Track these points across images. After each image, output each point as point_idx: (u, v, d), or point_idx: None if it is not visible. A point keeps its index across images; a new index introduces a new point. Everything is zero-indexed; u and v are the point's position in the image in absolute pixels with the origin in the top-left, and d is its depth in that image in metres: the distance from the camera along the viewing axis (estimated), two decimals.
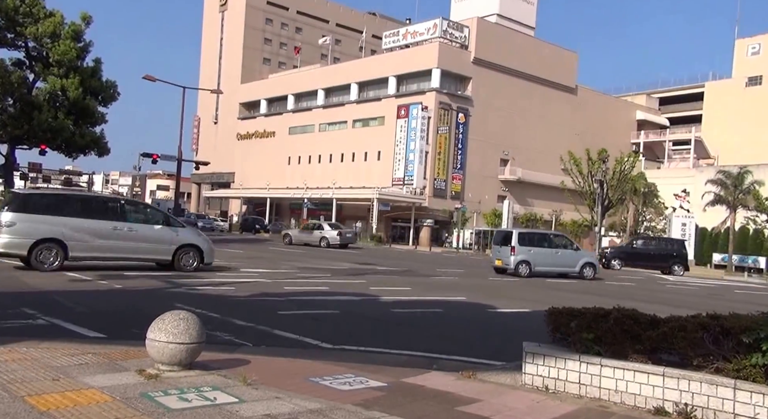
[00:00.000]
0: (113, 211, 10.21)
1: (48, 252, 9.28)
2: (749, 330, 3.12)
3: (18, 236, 9.16)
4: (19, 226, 9.19)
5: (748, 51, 47.89)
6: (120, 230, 9.86)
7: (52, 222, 9.37)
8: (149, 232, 10.23)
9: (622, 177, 30.88)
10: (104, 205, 10.57)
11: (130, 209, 10.65)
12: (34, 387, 3.07)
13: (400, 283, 10.76)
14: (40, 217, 9.40)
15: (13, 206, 9.47)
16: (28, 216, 9.31)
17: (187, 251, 10.42)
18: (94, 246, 9.72)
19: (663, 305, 9.46)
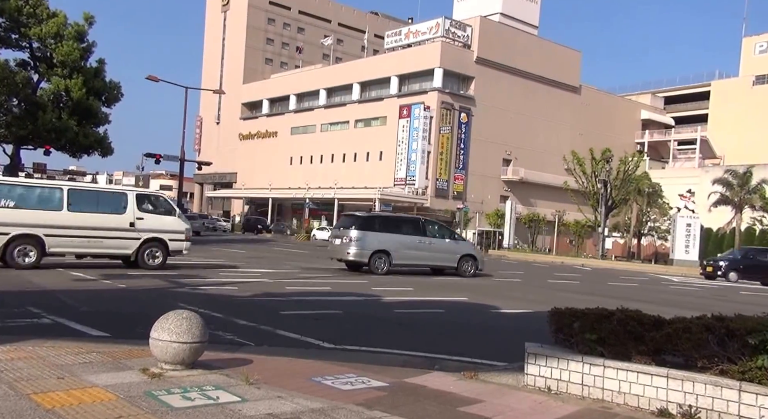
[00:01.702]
0: (418, 229, 13.38)
1: (380, 259, 12.49)
2: (755, 331, 3.10)
3: (362, 248, 12.38)
4: (362, 241, 12.42)
5: (755, 49, 47.52)
6: (423, 243, 13.00)
7: (381, 238, 12.59)
8: (442, 245, 13.31)
9: (626, 177, 30.75)
10: (412, 223, 13.85)
11: (428, 227, 13.75)
12: (39, 385, 3.08)
13: (402, 284, 10.75)
14: (376, 234, 12.64)
15: (358, 225, 12.71)
16: (368, 233, 12.54)
17: (467, 260, 13.44)
18: (407, 255, 12.76)
19: (667, 306, 9.42)
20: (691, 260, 29.59)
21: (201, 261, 12.76)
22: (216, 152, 52.53)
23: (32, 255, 9.42)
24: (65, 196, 9.68)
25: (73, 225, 9.62)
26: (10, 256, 9.25)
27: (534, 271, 17.95)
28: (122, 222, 10.10)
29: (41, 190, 9.75)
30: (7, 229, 9.14)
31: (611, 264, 27.48)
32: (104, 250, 10.24)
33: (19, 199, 9.42)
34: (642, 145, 48.77)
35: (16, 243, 9.26)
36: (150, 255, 10.39)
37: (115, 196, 10.49)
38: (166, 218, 10.67)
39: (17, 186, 9.67)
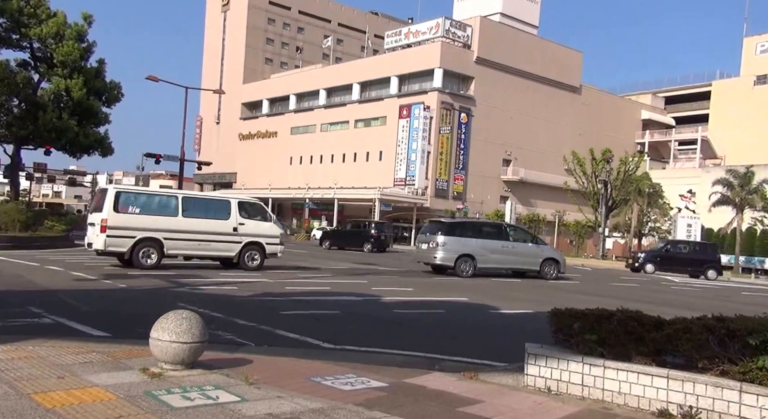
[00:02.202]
0: (501, 234, 14.13)
1: (465, 263, 13.18)
2: (756, 332, 3.09)
3: (448, 252, 13.14)
4: (448, 246, 13.19)
5: (756, 49, 47.45)
6: (506, 247, 13.67)
7: (466, 243, 13.32)
8: (524, 249, 13.93)
9: (627, 177, 30.74)
10: (495, 229, 14.74)
11: (511, 231, 14.62)
12: (40, 385, 3.09)
13: (402, 284, 10.75)
14: (461, 239, 13.39)
15: (444, 231, 13.43)
16: (453, 239, 13.33)
17: (549, 263, 14.05)
18: (491, 259, 13.50)
19: (668, 307, 9.41)
20: None
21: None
22: (216, 152, 52.53)
23: (153, 256, 10.44)
24: (180, 203, 10.80)
25: (186, 229, 10.70)
26: (135, 257, 10.28)
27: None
28: (227, 227, 11.10)
29: (160, 198, 11.02)
30: (134, 233, 10.25)
31: (612, 264, 27.46)
32: (212, 253, 11.28)
33: (143, 206, 10.53)
34: (642, 145, 48.73)
35: (140, 246, 10.32)
36: (250, 257, 11.38)
37: (220, 203, 11.60)
38: (264, 224, 11.65)
39: (141, 194, 11.03)
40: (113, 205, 10.23)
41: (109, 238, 10.10)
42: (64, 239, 16.29)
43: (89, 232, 10.76)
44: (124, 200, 10.40)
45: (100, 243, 10.15)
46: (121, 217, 10.22)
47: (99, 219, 10.23)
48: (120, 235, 10.16)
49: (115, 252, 10.39)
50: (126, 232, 10.21)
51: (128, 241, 10.20)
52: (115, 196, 10.29)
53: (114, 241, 10.14)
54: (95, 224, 10.38)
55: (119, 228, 10.16)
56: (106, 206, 10.24)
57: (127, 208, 10.35)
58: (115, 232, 10.12)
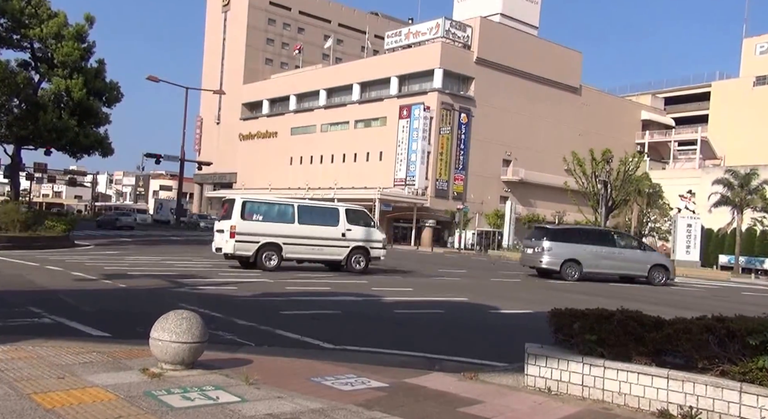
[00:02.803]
0: (608, 239, 14.53)
1: (570, 268, 13.56)
2: (755, 332, 3.09)
3: (554, 257, 13.63)
4: (553, 250, 13.72)
5: (756, 50, 47.46)
6: (613, 253, 14.04)
7: (572, 248, 13.70)
8: (632, 255, 14.22)
9: (627, 177, 30.70)
10: (602, 235, 15.29)
11: (618, 238, 15.13)
12: (39, 385, 3.09)
13: (402, 284, 10.75)
14: (567, 244, 13.78)
15: (549, 236, 14.02)
16: (559, 244, 13.67)
17: (658, 269, 14.27)
18: (597, 264, 13.88)
19: (668, 307, 9.41)
20: (692, 261, 29.54)
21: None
22: (216, 152, 52.52)
23: (274, 259, 11.55)
24: (296, 211, 11.87)
25: (302, 235, 11.74)
26: (259, 260, 11.43)
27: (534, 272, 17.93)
28: (336, 233, 12.03)
29: (279, 206, 12.12)
30: (258, 238, 11.42)
31: None
32: (323, 256, 12.21)
33: (265, 214, 11.69)
34: (642, 146, 48.72)
35: (263, 250, 11.46)
36: (356, 261, 12.19)
37: (330, 211, 12.58)
38: (368, 229, 12.55)
39: (263, 203, 12.08)
40: (240, 214, 11.38)
41: (237, 243, 11.29)
42: (64, 239, 16.28)
43: (217, 238, 11.86)
44: (250, 209, 11.58)
45: (229, 247, 11.31)
46: (247, 224, 11.36)
47: (228, 226, 11.37)
48: (246, 240, 11.30)
49: (242, 255, 11.47)
50: (251, 238, 11.33)
51: (253, 246, 11.36)
52: (242, 205, 11.47)
53: (241, 246, 11.32)
54: (224, 230, 11.50)
55: (245, 234, 11.30)
56: (235, 214, 11.36)
57: (251, 215, 11.51)
58: (242, 238, 11.29)
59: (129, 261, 12.11)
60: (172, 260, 12.96)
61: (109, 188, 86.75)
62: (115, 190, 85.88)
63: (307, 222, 11.80)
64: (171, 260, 12.93)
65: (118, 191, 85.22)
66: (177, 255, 14.45)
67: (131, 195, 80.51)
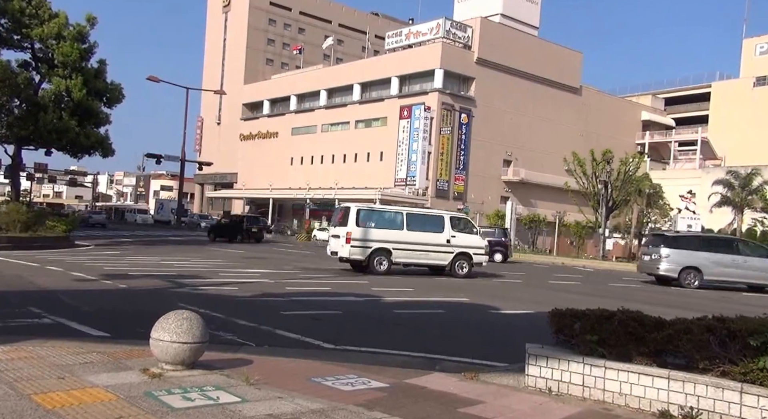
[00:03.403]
0: (731, 247, 14.46)
1: (690, 276, 13.70)
2: (756, 333, 3.09)
3: (671, 264, 13.89)
4: (671, 258, 13.75)
5: (756, 50, 47.46)
6: (736, 261, 14.06)
7: (690, 255, 13.85)
8: (758, 263, 14.17)
9: (627, 178, 30.70)
10: (724, 242, 15.27)
11: (743, 245, 14.98)
12: (40, 386, 3.09)
13: (403, 284, 10.75)
14: (685, 252, 13.92)
15: (667, 243, 14.16)
16: (677, 251, 13.91)
17: None
18: (718, 272, 13.94)
19: (668, 307, 9.40)
20: None
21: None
22: (217, 152, 52.53)
23: (384, 264, 12.42)
24: (405, 218, 12.76)
25: (409, 241, 12.57)
26: (372, 264, 12.41)
27: (534, 272, 17.93)
28: (441, 240, 12.81)
29: (389, 214, 13.03)
30: (370, 244, 12.39)
31: (612, 265, 27.45)
32: (428, 261, 12.96)
33: (377, 221, 12.57)
34: (643, 146, 48.72)
35: (375, 255, 12.42)
36: (459, 266, 12.90)
37: (436, 218, 13.31)
38: (471, 236, 13.29)
39: (375, 211, 13.07)
40: (355, 221, 12.34)
41: (352, 248, 12.28)
42: (64, 239, 16.28)
43: (332, 243, 12.93)
44: (363, 216, 12.54)
45: (345, 252, 12.36)
46: (361, 231, 12.36)
47: (344, 232, 12.36)
48: (360, 246, 12.32)
49: (356, 259, 12.47)
50: (365, 243, 12.35)
51: (366, 251, 12.37)
52: (356, 213, 12.46)
53: (356, 251, 12.33)
54: (340, 236, 12.49)
55: (360, 240, 12.30)
56: (350, 221, 12.32)
57: (365, 223, 12.49)
58: (357, 243, 12.30)
59: (129, 262, 12.12)
60: (173, 260, 12.96)
61: (109, 188, 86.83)
62: (116, 191, 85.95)
63: (414, 229, 12.70)
64: (171, 260, 12.93)
65: (119, 191, 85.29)
66: (177, 256, 14.45)
67: (132, 195, 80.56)
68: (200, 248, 18.60)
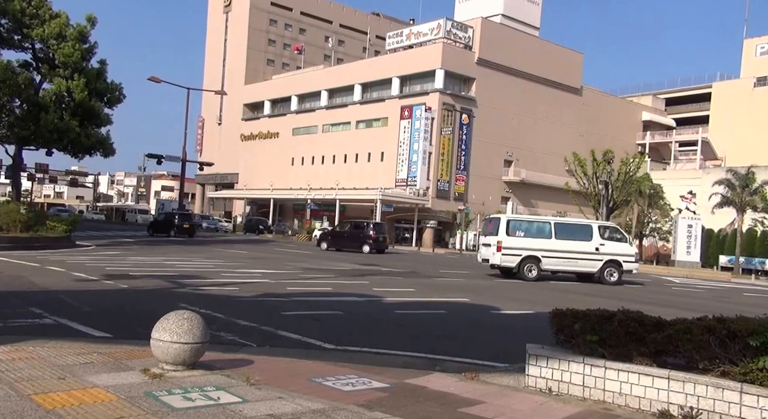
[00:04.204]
0: None
1: None
2: (756, 333, 3.09)
3: None
4: None
5: (756, 51, 47.44)
6: None
7: None
8: None
9: (627, 178, 30.67)
10: None
11: None
12: (40, 386, 3.09)
13: (403, 284, 10.75)
14: None
15: None
16: None
17: None
18: None
19: (668, 307, 9.39)
20: (693, 261, 29.47)
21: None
22: (218, 153, 52.58)
23: (534, 271, 13.25)
24: (552, 228, 13.54)
25: (558, 249, 13.34)
26: (521, 271, 13.21)
27: None
28: (589, 248, 13.47)
29: (537, 224, 13.97)
30: (520, 252, 13.28)
31: None
32: (577, 268, 13.70)
33: (526, 231, 13.53)
34: (643, 147, 48.70)
35: (525, 262, 13.25)
36: (609, 273, 13.49)
37: (584, 227, 14.09)
38: (621, 244, 13.72)
39: (524, 221, 14.12)
40: (506, 230, 13.26)
41: (503, 256, 13.23)
42: (65, 240, 16.30)
43: (483, 250, 14.00)
44: (513, 226, 13.47)
45: (496, 259, 13.37)
46: (511, 240, 13.28)
47: (495, 241, 13.35)
48: (510, 254, 13.23)
49: (506, 266, 13.35)
50: (514, 251, 13.22)
51: (516, 258, 13.25)
52: (506, 223, 13.47)
53: (506, 258, 13.27)
54: (491, 245, 13.48)
55: (510, 248, 13.20)
56: (501, 231, 13.27)
57: (514, 232, 13.38)
58: (507, 251, 13.22)
59: (130, 262, 12.13)
60: (174, 261, 12.98)
61: (110, 189, 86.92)
62: (117, 191, 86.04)
63: (562, 238, 13.39)
64: (172, 261, 12.95)
65: (120, 192, 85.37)
66: (179, 256, 14.47)
67: (133, 195, 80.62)
68: (201, 248, 18.64)
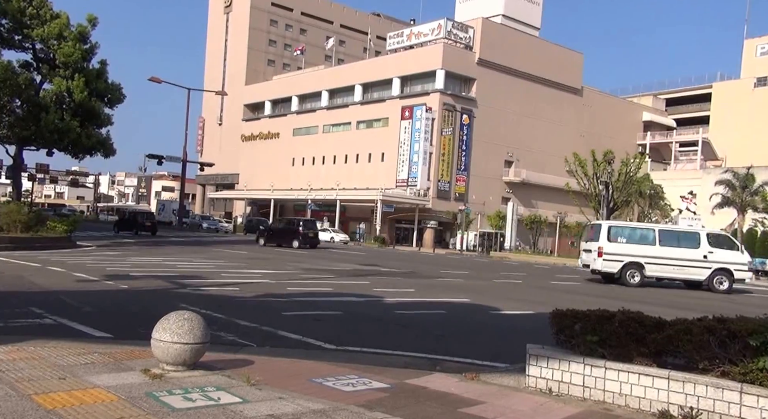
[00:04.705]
0: None
1: None
2: (756, 333, 3.09)
3: None
4: None
5: (757, 51, 47.44)
6: None
7: None
8: None
9: (628, 178, 30.67)
10: None
11: None
12: (41, 386, 3.10)
13: (404, 285, 10.75)
14: None
15: None
16: None
17: None
18: None
19: (669, 308, 9.39)
20: None
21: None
22: (218, 153, 52.61)
23: (637, 277, 13.44)
24: (657, 235, 13.70)
25: (663, 256, 13.47)
26: (623, 277, 13.46)
27: (535, 273, 17.93)
28: (697, 255, 13.57)
29: (640, 230, 14.15)
30: (622, 258, 13.56)
31: None
32: (683, 276, 13.83)
33: (628, 237, 13.77)
34: (644, 147, 48.67)
35: (627, 268, 13.52)
36: (718, 281, 13.61)
37: (690, 235, 14.22)
38: (731, 252, 13.85)
39: (626, 228, 14.38)
40: (606, 236, 13.51)
41: (604, 262, 13.52)
42: (65, 240, 16.32)
43: (584, 256, 14.46)
44: (614, 232, 13.70)
45: (598, 265, 13.70)
46: (612, 246, 13.54)
47: (596, 247, 13.64)
48: (612, 259, 13.49)
49: (607, 272, 13.66)
50: (616, 257, 13.48)
51: (617, 264, 13.52)
52: (607, 229, 13.79)
53: (607, 264, 13.56)
54: (592, 250, 13.80)
55: (611, 254, 13.49)
56: (602, 237, 13.55)
57: (616, 238, 13.57)
58: (608, 257, 13.51)
59: (131, 262, 12.14)
60: (175, 261, 12.99)
61: (111, 189, 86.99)
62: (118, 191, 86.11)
63: (667, 245, 13.48)
64: (173, 261, 12.95)
65: (121, 192, 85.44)
66: (179, 256, 14.48)
67: (133, 196, 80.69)
68: (202, 249, 18.64)
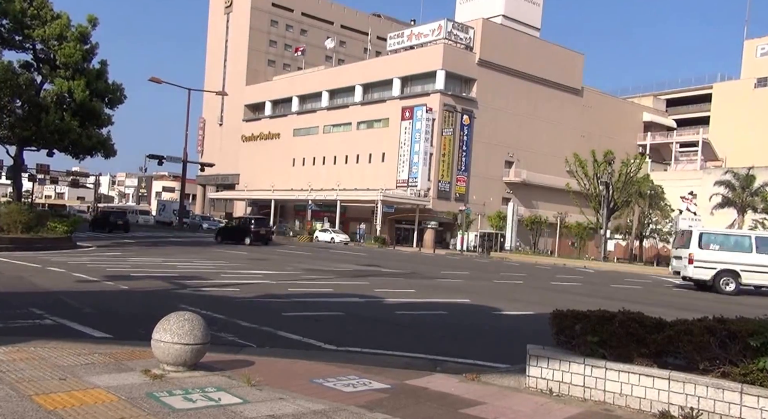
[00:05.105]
0: None
1: None
2: (756, 333, 3.09)
3: None
4: None
5: (757, 51, 47.44)
6: None
7: None
8: None
9: (628, 179, 30.68)
10: None
11: None
12: (41, 387, 3.10)
13: (404, 285, 10.75)
14: None
15: None
16: None
17: None
18: None
19: (669, 308, 9.38)
20: None
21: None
22: (218, 154, 52.64)
23: (732, 284, 13.30)
24: (753, 242, 13.59)
25: (761, 264, 13.24)
26: (717, 285, 13.36)
27: (536, 273, 17.92)
28: None
29: (734, 237, 14.15)
30: (715, 265, 13.45)
31: (613, 266, 27.40)
32: None
33: (721, 244, 13.66)
34: (644, 147, 48.68)
35: (721, 276, 13.39)
36: None
37: None
38: None
39: (719, 234, 14.21)
40: (698, 243, 13.41)
41: (695, 268, 13.44)
42: (66, 241, 16.31)
43: (675, 263, 14.51)
44: (706, 239, 13.60)
45: (689, 271, 13.61)
46: (704, 253, 13.44)
47: (686, 253, 13.56)
48: (703, 267, 13.39)
49: (699, 279, 13.56)
50: (708, 264, 13.39)
51: (710, 272, 13.37)
52: (699, 236, 13.64)
53: (699, 271, 13.44)
54: (682, 257, 13.79)
55: (703, 261, 13.40)
56: (693, 244, 13.46)
57: (708, 245, 13.48)
58: (700, 264, 13.41)
59: (131, 263, 12.15)
60: (175, 261, 12.99)
61: (111, 189, 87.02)
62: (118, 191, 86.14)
63: (766, 252, 13.30)
64: (173, 261, 12.96)
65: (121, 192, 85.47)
66: (179, 257, 14.48)
67: (134, 196, 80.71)
68: (202, 249, 18.65)
